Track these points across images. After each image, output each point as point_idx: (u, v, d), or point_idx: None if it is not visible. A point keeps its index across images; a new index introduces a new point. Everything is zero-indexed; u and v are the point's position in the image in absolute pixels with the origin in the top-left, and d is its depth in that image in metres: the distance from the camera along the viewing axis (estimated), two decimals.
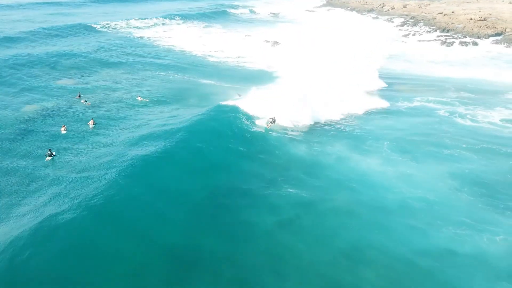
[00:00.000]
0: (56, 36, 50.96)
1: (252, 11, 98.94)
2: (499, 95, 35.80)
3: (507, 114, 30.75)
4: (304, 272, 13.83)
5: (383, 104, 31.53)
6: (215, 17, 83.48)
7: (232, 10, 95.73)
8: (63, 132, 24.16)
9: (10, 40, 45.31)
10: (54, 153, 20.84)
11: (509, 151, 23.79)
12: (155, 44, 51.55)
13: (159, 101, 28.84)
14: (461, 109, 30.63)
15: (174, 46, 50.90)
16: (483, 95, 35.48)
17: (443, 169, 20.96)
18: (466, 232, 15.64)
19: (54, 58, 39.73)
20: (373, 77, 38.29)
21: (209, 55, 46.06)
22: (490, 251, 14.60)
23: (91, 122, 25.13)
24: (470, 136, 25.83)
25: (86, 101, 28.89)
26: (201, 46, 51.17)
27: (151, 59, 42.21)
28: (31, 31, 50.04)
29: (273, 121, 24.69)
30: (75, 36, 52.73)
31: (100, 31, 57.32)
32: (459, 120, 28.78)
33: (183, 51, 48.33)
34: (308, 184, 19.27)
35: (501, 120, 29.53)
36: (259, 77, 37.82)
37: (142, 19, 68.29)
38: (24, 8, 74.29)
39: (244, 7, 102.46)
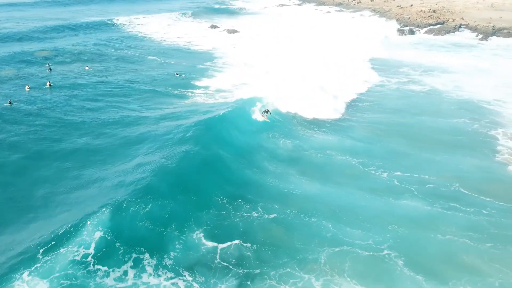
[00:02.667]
0: (46, 25, 59.64)
1: (234, 7, 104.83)
2: (391, 69, 43.59)
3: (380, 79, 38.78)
4: None
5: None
6: (194, 11, 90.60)
7: (216, 6, 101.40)
8: (27, 90, 32.60)
9: None
10: (16, 103, 29.26)
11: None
12: (123, 31, 60.01)
13: (103, 70, 37.30)
14: None
15: (139, 32, 59.27)
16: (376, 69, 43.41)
17: None
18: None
19: (40, 41, 48.71)
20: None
21: (165, 40, 54.34)
22: (279, 149, 22.87)
23: (48, 83, 33.61)
24: None
25: (50, 69, 37.47)
26: (163, 33, 59.39)
27: (114, 41, 50.62)
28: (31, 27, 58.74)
29: (267, 111, 26.05)
30: (60, 24, 61.34)
31: (81, 24, 65.77)
32: None
33: (144, 36, 56.67)
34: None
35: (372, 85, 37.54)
36: (199, 56, 46.21)
37: (126, 14, 76.44)
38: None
39: (227, 2, 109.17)
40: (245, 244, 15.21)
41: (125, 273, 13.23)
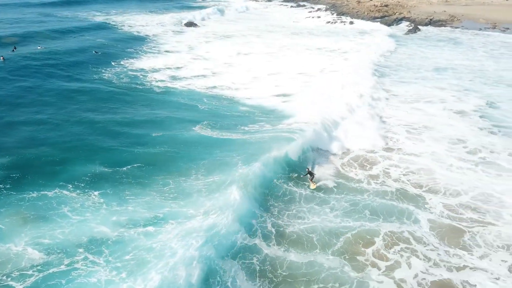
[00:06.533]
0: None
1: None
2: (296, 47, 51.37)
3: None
4: None
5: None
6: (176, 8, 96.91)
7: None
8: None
9: None
10: None
11: None
12: (93, 20, 68.46)
13: (56, 50, 45.37)
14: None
15: (107, 19, 67.58)
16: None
17: None
18: None
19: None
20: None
21: (120, 28, 62.54)
22: None
23: (1, 57, 41.99)
24: None
25: (15, 48, 45.73)
26: (129, 22, 67.34)
27: (82, 28, 59.00)
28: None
29: (311, 173, 20.08)
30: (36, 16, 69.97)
31: (60, 17, 74.48)
32: None
33: (108, 24, 64.77)
34: None
35: None
36: (137, 38, 54.55)
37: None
38: None
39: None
40: None
41: None
